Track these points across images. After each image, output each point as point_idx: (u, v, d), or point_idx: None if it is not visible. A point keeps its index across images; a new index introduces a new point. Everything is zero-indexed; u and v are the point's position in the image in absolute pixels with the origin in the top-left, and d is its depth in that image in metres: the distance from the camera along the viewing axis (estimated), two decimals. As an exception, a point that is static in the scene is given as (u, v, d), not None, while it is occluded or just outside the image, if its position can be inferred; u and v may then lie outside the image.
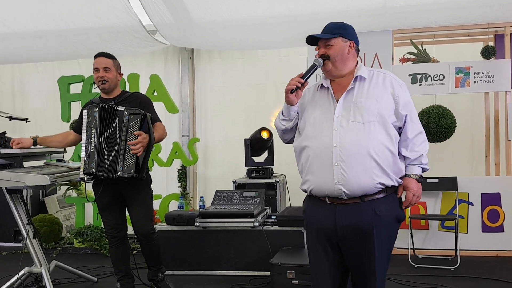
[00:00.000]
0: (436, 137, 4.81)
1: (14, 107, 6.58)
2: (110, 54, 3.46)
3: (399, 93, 2.19)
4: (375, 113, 2.12)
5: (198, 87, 6.31)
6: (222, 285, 3.96)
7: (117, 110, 3.24)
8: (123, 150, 3.19)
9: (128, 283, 3.56)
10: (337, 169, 2.09)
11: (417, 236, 4.81)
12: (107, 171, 3.21)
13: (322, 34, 2.27)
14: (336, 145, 2.10)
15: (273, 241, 4.10)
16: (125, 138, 3.20)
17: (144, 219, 3.42)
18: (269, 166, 5.03)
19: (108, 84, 3.37)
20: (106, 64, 3.38)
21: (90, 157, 3.22)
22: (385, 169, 2.11)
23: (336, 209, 2.15)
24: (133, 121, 3.21)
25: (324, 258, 2.23)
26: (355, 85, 2.20)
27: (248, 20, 4.97)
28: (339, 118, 2.14)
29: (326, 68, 2.25)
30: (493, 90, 4.87)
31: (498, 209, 4.75)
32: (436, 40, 5.04)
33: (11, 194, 3.60)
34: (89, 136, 3.25)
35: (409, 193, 2.19)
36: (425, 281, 3.93)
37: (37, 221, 5.33)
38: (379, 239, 2.11)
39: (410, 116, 2.20)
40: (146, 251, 3.53)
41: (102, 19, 5.00)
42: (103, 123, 3.24)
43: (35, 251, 3.63)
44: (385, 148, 2.11)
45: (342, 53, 2.23)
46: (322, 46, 2.26)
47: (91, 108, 3.29)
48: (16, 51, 5.83)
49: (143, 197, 3.44)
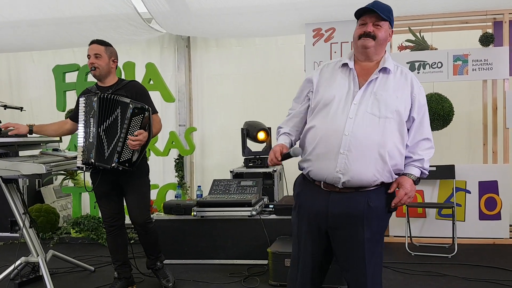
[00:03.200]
0: (434, 125, 4.79)
1: (12, 97, 6.55)
2: (104, 41, 3.37)
3: (418, 94, 2.14)
4: (393, 109, 2.06)
5: (195, 76, 6.28)
6: (220, 273, 3.96)
7: (120, 101, 3.17)
8: (122, 143, 3.15)
9: (126, 272, 3.55)
10: (342, 158, 2.04)
11: (414, 224, 4.82)
12: (105, 162, 3.18)
13: (379, 11, 2.12)
14: (347, 133, 2.03)
15: (271, 230, 4.10)
16: (126, 131, 3.16)
17: (140, 208, 3.40)
18: (267, 155, 5.01)
19: (98, 71, 3.31)
20: (97, 51, 3.30)
21: (89, 147, 3.19)
22: (390, 168, 2.07)
23: (330, 196, 2.11)
24: (136, 115, 3.17)
25: (310, 243, 2.20)
26: (379, 75, 2.13)
27: (245, 7, 4.92)
28: (356, 105, 2.07)
29: (367, 46, 2.12)
30: (491, 77, 4.86)
31: (495, 197, 4.75)
32: (434, 28, 5.01)
33: (6, 183, 3.57)
34: (87, 126, 3.20)
35: (401, 191, 2.11)
36: (422, 269, 3.94)
37: (34, 211, 5.31)
38: (369, 229, 2.09)
39: (421, 120, 2.15)
40: (143, 240, 3.52)
41: (97, 7, 4.94)
42: (102, 113, 3.18)
43: (31, 241, 3.62)
44: (395, 148, 2.06)
45: (385, 38, 2.16)
46: (371, 24, 2.12)
47: (89, 97, 3.23)
48: (11, 40, 5.77)
49: (140, 186, 3.42)
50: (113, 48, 3.42)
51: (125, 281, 3.54)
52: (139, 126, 3.18)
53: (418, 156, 2.15)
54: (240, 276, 3.86)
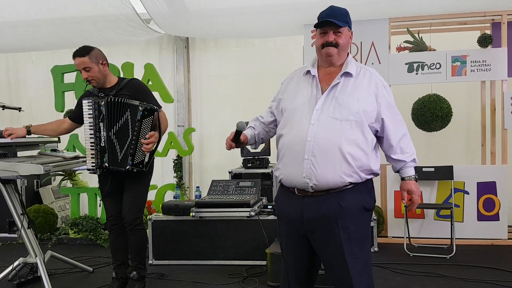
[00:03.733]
0: (432, 126, 4.81)
1: (11, 97, 6.54)
2: (83, 50, 3.27)
3: (383, 95, 2.16)
4: (354, 112, 2.08)
5: (193, 77, 6.28)
6: (219, 274, 3.96)
7: (129, 104, 3.19)
8: (134, 145, 3.20)
9: (123, 272, 3.54)
10: (307, 163, 2.08)
11: (412, 225, 4.82)
12: (119, 165, 3.23)
13: (338, 21, 2.15)
14: (310, 139, 2.08)
15: (269, 231, 4.10)
16: (137, 133, 3.20)
17: (132, 207, 3.38)
18: (265, 156, 5.02)
19: (95, 81, 3.30)
20: (83, 64, 3.24)
21: (101, 152, 3.21)
22: (356, 169, 2.09)
23: (304, 201, 2.15)
24: (146, 117, 3.21)
25: (293, 247, 2.25)
26: (341, 80, 2.17)
27: (244, 8, 4.92)
28: (318, 111, 2.11)
29: (331, 54, 2.16)
30: (489, 78, 4.87)
31: (493, 198, 4.76)
32: (432, 29, 5.02)
33: (5, 184, 3.57)
34: (97, 130, 3.22)
35: (415, 196, 2.23)
36: (420, 270, 3.94)
37: (32, 211, 5.31)
38: (345, 229, 2.09)
39: (392, 119, 2.18)
40: (129, 242, 3.46)
41: (96, 7, 4.93)
42: (112, 116, 3.20)
43: (29, 241, 3.61)
44: (358, 149, 2.08)
45: (347, 43, 2.20)
46: (332, 32, 2.17)
47: (95, 101, 3.22)
48: (10, 40, 5.76)
49: (139, 186, 3.43)
50: (95, 51, 3.32)
51: (122, 281, 3.54)
52: (150, 128, 3.23)
53: (408, 155, 2.22)
54: (238, 277, 3.86)
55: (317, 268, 2.33)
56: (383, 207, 5.02)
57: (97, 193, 5.34)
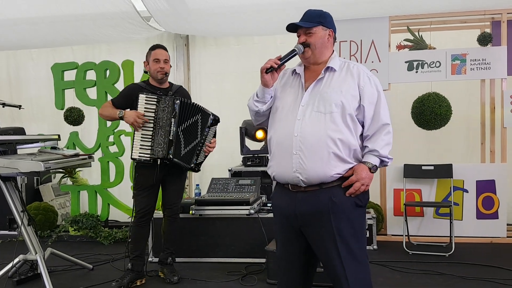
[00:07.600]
0: (432, 125, 4.81)
1: (11, 95, 6.53)
2: (165, 47, 3.75)
3: (365, 84, 2.17)
4: (337, 103, 2.11)
5: (193, 74, 6.27)
6: (218, 272, 3.97)
7: (201, 109, 3.61)
8: (200, 147, 3.64)
9: (139, 265, 3.66)
10: (296, 158, 2.11)
11: (412, 223, 4.83)
12: (182, 160, 3.52)
13: (303, 23, 2.27)
14: (296, 134, 2.11)
15: (269, 229, 4.10)
16: (205, 137, 3.66)
17: (178, 198, 3.79)
18: (265, 154, 5.02)
19: (167, 76, 3.68)
20: (166, 56, 3.67)
21: (168, 144, 3.44)
22: (344, 159, 2.10)
23: (297, 196, 2.17)
24: (214, 125, 3.72)
25: (288, 243, 2.26)
26: (325, 75, 2.21)
27: (244, 6, 4.92)
28: (304, 107, 2.16)
29: (305, 56, 2.26)
30: (489, 77, 4.87)
31: (493, 196, 4.77)
32: (432, 27, 5.02)
33: (5, 181, 3.58)
34: (167, 125, 3.45)
35: (354, 177, 2.11)
36: (419, 268, 3.95)
37: (32, 209, 5.32)
38: (337, 225, 2.10)
39: (376, 107, 2.17)
40: (169, 228, 3.78)
41: (96, 5, 4.93)
42: (182, 115, 3.49)
43: (29, 238, 3.62)
44: (343, 139, 2.10)
45: (322, 41, 2.25)
46: (303, 34, 2.27)
47: (167, 99, 3.47)
48: (10, 37, 5.76)
49: (183, 182, 3.85)
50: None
51: (136, 274, 3.63)
52: (213, 135, 3.74)
53: (374, 144, 2.16)
54: (238, 274, 3.87)
55: (315, 265, 2.33)
56: (382, 205, 5.03)
57: (97, 190, 5.36)
